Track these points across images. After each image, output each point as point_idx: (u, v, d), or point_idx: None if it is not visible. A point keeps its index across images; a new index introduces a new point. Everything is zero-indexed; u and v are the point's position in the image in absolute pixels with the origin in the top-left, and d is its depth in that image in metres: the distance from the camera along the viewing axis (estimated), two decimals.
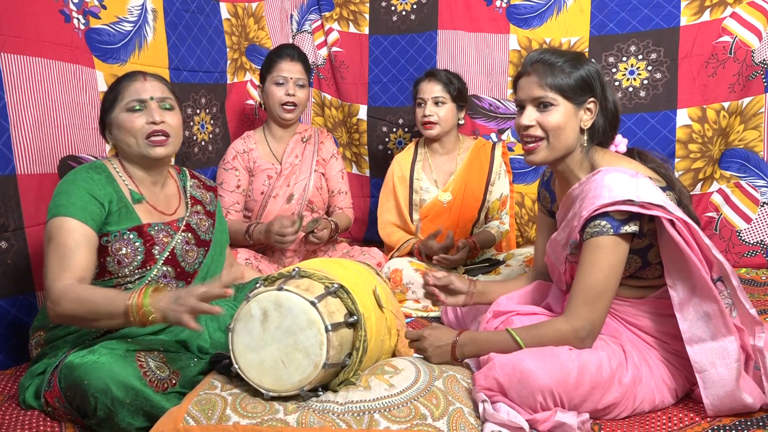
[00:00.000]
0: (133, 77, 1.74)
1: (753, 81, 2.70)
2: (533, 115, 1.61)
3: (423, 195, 2.72)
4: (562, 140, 1.60)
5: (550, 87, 1.58)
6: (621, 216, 1.49)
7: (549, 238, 1.81)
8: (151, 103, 1.71)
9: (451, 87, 2.65)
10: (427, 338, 1.64)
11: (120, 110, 1.70)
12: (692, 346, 1.51)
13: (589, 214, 1.50)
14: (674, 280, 1.52)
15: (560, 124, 1.58)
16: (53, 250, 1.57)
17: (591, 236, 1.51)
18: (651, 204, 1.47)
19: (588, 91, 1.59)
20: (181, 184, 1.92)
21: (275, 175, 2.61)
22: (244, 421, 1.36)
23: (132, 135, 1.69)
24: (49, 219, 1.61)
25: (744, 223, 2.76)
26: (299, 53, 2.62)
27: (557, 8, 2.92)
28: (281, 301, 1.42)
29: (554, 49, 1.67)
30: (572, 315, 1.52)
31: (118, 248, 1.66)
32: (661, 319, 1.61)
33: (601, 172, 1.54)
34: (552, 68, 1.59)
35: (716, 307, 1.48)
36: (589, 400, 1.48)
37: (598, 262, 1.50)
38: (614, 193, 1.48)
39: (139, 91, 1.71)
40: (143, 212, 1.73)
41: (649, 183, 1.52)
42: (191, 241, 1.81)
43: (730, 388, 1.46)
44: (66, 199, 1.61)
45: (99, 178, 1.68)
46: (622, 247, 1.51)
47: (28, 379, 1.62)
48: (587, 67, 1.60)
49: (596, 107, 1.61)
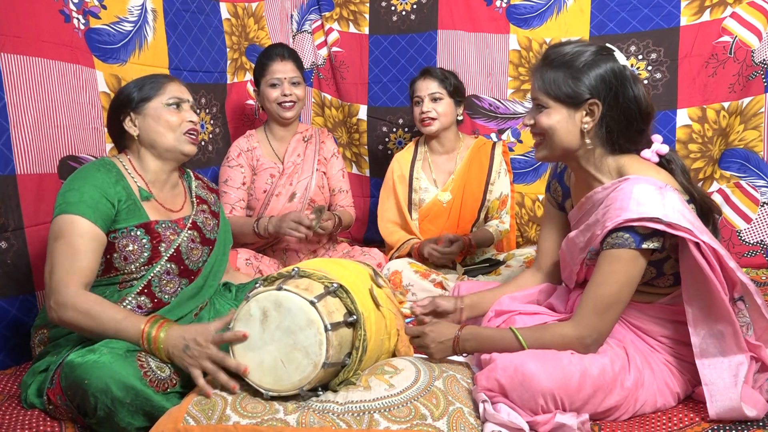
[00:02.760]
0: (169, 79, 1.83)
1: (753, 81, 2.69)
2: (533, 114, 1.60)
3: (422, 195, 2.72)
4: (557, 142, 1.57)
5: (540, 89, 1.56)
6: (645, 231, 1.45)
7: (556, 233, 1.80)
8: (185, 104, 1.82)
9: (447, 83, 2.65)
10: (429, 334, 1.63)
11: (159, 104, 1.77)
12: (702, 360, 1.51)
13: (614, 225, 1.46)
14: (691, 298, 1.50)
15: (552, 126, 1.56)
16: (61, 249, 1.58)
17: (611, 247, 1.48)
18: (679, 225, 1.43)
19: (587, 91, 1.52)
20: (186, 184, 1.94)
21: (278, 174, 2.61)
22: (244, 421, 1.36)
23: (171, 129, 1.77)
24: (57, 215, 1.61)
25: (744, 223, 2.76)
26: (289, 51, 2.61)
27: (557, 8, 2.92)
28: (281, 301, 1.42)
29: (571, 44, 1.59)
30: (580, 322, 1.51)
31: (125, 244, 1.67)
32: (667, 324, 1.60)
33: (629, 180, 1.50)
34: (546, 68, 1.56)
35: (731, 329, 1.48)
36: (591, 403, 1.47)
37: (614, 274, 1.48)
38: (642, 209, 1.44)
39: (178, 91, 1.81)
40: (151, 209, 1.75)
41: (677, 198, 1.47)
42: (196, 239, 1.82)
43: (735, 404, 1.46)
44: (77, 197, 1.61)
45: (109, 176, 1.69)
46: (640, 261, 1.49)
47: (31, 376, 1.62)
48: (594, 66, 1.53)
49: (599, 110, 1.53)
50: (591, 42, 2.85)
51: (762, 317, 1.53)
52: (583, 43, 1.60)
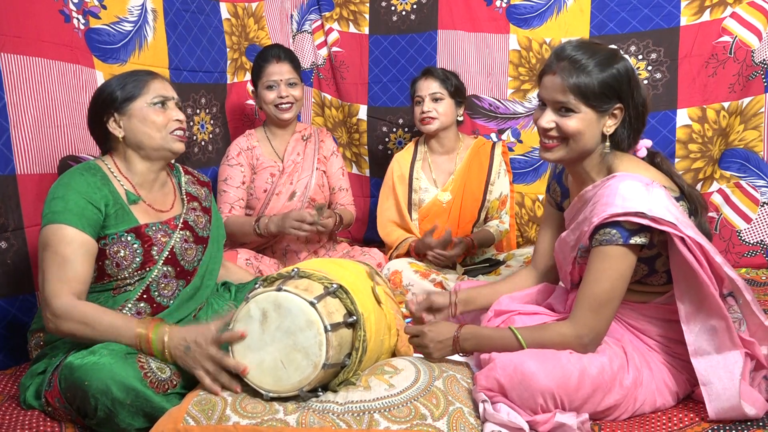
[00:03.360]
0: (152, 76, 1.77)
1: (753, 81, 2.70)
2: (553, 117, 1.56)
3: (422, 195, 2.72)
4: (581, 144, 1.55)
5: (572, 92, 1.51)
6: (631, 226, 1.46)
7: (553, 232, 1.80)
8: (171, 102, 1.76)
9: (448, 83, 2.65)
10: (428, 334, 1.63)
11: (143, 103, 1.71)
12: (697, 359, 1.51)
13: (599, 221, 1.48)
14: (682, 294, 1.51)
15: (580, 130, 1.54)
16: (50, 259, 1.56)
17: (600, 244, 1.49)
18: (663, 220, 1.44)
19: (614, 97, 1.51)
20: (176, 181, 1.91)
21: (278, 173, 2.61)
22: (244, 422, 1.36)
23: (157, 129, 1.72)
24: (45, 225, 1.59)
25: (744, 223, 2.76)
26: (285, 52, 2.60)
27: (557, 8, 2.92)
28: (280, 302, 1.42)
29: (586, 44, 1.56)
30: (577, 321, 1.52)
31: (116, 251, 1.65)
32: (664, 323, 1.60)
33: (616, 177, 1.51)
34: (578, 71, 1.51)
35: (723, 323, 1.48)
36: (590, 402, 1.47)
37: (605, 271, 1.49)
38: (627, 203, 1.45)
39: (162, 89, 1.75)
40: (140, 212, 1.72)
41: (663, 194, 1.48)
42: (190, 239, 1.81)
43: (735, 402, 1.46)
44: (62, 205, 1.58)
45: (94, 180, 1.65)
46: (630, 257, 1.49)
47: (29, 378, 1.62)
48: (617, 70, 1.51)
49: (622, 113, 1.54)
50: (593, 41, 2.85)
51: (753, 314, 1.54)
52: (593, 43, 1.60)
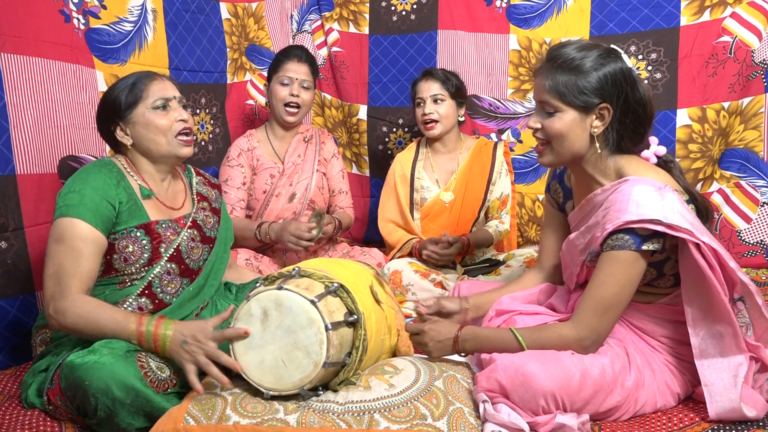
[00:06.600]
0: (151, 77, 1.73)
1: (753, 81, 2.69)
2: (538, 118, 1.57)
3: (424, 194, 2.72)
4: (566, 147, 1.54)
5: (551, 91, 1.52)
6: (645, 232, 1.45)
7: (557, 232, 1.79)
8: (173, 102, 1.72)
9: (449, 84, 2.65)
10: (428, 332, 1.62)
11: (145, 109, 1.69)
12: (701, 361, 1.51)
13: (614, 228, 1.46)
14: (691, 298, 1.50)
15: (562, 131, 1.53)
16: (62, 253, 1.56)
17: (611, 248, 1.48)
18: (679, 227, 1.43)
19: (596, 95, 1.50)
20: (187, 181, 1.91)
21: (278, 174, 2.61)
22: (244, 421, 1.36)
23: (162, 133, 1.69)
24: (58, 217, 1.59)
25: (744, 223, 2.76)
26: (307, 55, 2.62)
27: (557, 8, 2.92)
28: (281, 300, 1.42)
29: (575, 44, 1.54)
30: (579, 323, 1.51)
31: (125, 246, 1.65)
32: (667, 324, 1.60)
33: (629, 182, 1.49)
34: (556, 70, 1.51)
35: (730, 329, 1.48)
36: (591, 404, 1.47)
37: (614, 275, 1.48)
38: (641, 210, 1.43)
39: (162, 90, 1.71)
40: (152, 208, 1.72)
41: (676, 198, 1.47)
42: (196, 238, 1.81)
43: (736, 404, 1.46)
44: (77, 199, 1.59)
45: (110, 176, 1.66)
46: (640, 262, 1.48)
47: (31, 376, 1.62)
48: (605, 69, 1.50)
49: (610, 113, 1.51)
50: (593, 42, 2.85)
51: (762, 317, 1.53)
52: (587, 43, 1.58)
